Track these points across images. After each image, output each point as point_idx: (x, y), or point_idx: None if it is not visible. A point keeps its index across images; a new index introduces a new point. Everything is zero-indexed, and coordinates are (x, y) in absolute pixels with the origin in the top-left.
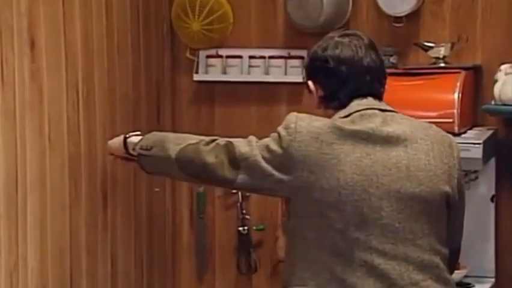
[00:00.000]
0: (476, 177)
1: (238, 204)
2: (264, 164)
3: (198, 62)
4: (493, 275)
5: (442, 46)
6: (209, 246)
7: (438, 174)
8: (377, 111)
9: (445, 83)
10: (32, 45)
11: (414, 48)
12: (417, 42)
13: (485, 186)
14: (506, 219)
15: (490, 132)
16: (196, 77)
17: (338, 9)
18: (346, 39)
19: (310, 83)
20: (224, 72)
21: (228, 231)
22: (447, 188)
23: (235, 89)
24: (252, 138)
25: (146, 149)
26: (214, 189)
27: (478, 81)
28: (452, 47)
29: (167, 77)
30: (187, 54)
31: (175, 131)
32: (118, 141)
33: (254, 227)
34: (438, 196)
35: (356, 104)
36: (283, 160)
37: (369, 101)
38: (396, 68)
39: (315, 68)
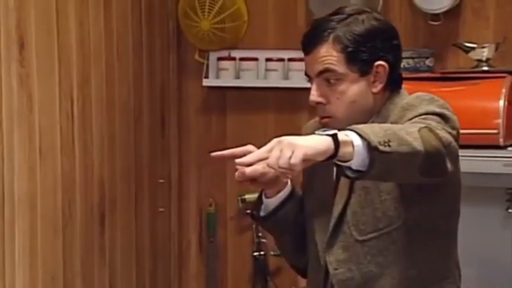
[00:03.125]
0: None
1: (253, 226)
2: (458, 150)
3: (207, 65)
4: None
5: (485, 47)
6: (220, 275)
7: None
8: None
9: (489, 89)
10: (21, 46)
11: (454, 49)
12: (456, 43)
13: None
14: None
15: None
16: (205, 82)
17: (366, 5)
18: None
19: (384, 64)
20: (237, 77)
21: (241, 256)
22: None
23: (250, 95)
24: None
25: (386, 145)
26: (227, 210)
27: None
28: (496, 48)
29: (173, 83)
30: (196, 57)
31: (181, 143)
32: (320, 141)
33: (272, 252)
34: None
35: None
36: (457, 143)
37: None
38: (432, 71)
39: (386, 45)
